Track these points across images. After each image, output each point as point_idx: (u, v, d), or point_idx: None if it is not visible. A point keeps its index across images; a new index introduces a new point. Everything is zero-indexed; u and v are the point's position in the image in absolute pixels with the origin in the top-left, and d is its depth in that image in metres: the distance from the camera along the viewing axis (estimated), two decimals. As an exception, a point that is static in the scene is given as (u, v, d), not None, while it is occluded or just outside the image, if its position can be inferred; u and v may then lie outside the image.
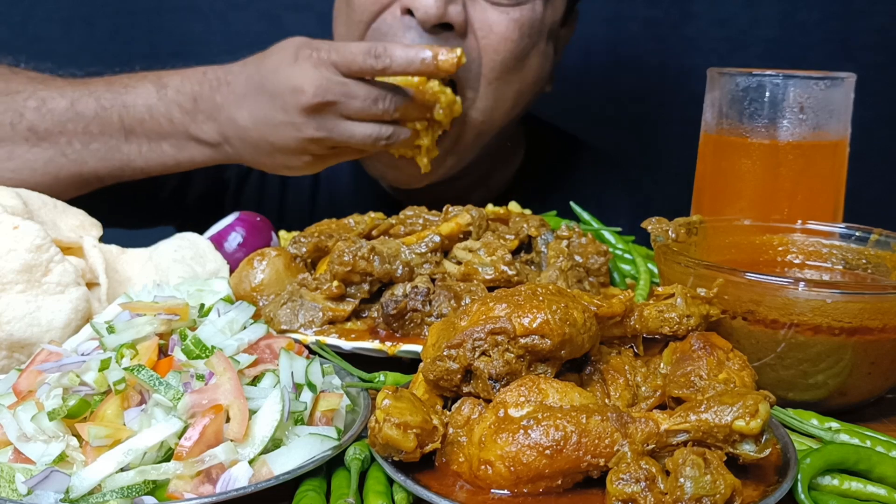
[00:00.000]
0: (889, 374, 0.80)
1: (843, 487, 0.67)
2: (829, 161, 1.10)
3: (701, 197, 1.18)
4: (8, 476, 0.62)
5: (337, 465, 0.68)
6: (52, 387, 0.68)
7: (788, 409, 0.77)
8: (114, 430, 0.63)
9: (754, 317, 0.77)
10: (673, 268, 0.85)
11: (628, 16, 2.13)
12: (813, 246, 0.96)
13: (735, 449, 0.60)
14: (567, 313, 0.66)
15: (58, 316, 0.84)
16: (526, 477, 0.60)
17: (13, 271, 0.82)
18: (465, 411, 0.66)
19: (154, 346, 0.71)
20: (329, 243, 1.03)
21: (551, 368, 0.67)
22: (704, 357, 0.68)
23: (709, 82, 1.14)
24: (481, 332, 0.66)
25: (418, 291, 0.89)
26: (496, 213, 1.15)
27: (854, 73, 1.09)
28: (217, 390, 0.66)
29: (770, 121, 1.08)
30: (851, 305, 0.74)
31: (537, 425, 0.60)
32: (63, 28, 2.13)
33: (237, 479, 0.62)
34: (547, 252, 1.03)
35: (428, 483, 0.62)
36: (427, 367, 0.68)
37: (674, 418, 0.61)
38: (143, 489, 0.61)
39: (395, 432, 0.61)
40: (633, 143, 2.22)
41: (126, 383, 0.66)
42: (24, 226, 0.84)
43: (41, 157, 1.26)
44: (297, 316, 0.92)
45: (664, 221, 0.93)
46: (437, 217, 1.08)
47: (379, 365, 0.87)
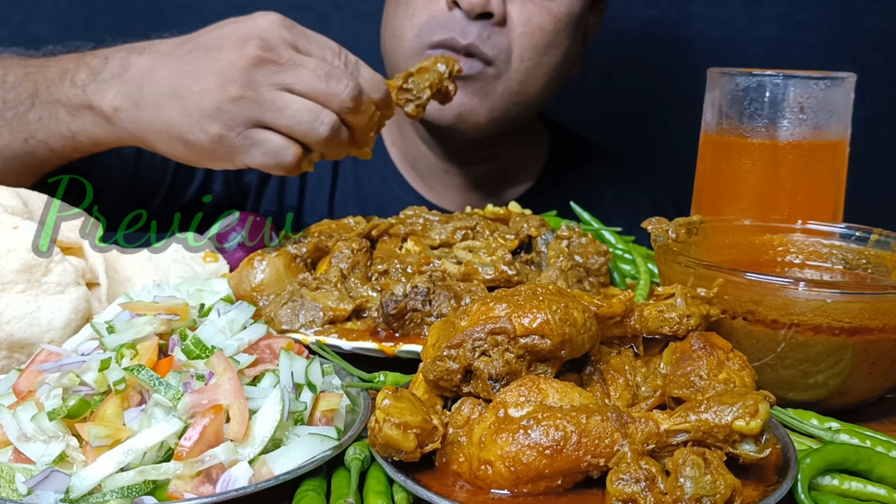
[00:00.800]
0: (889, 374, 0.80)
1: (843, 487, 0.67)
2: (829, 161, 1.10)
3: (701, 197, 1.18)
4: (8, 476, 0.62)
5: (337, 465, 0.68)
6: (52, 387, 0.68)
7: (788, 409, 0.77)
8: (114, 430, 0.63)
9: (754, 317, 0.77)
10: (673, 268, 0.85)
11: (628, 16, 2.13)
12: (813, 246, 0.96)
13: (735, 449, 0.60)
14: (567, 313, 0.66)
15: (58, 316, 0.84)
16: (526, 477, 0.60)
17: (13, 271, 0.82)
18: (465, 411, 0.66)
19: (154, 346, 0.71)
20: (329, 243, 1.03)
21: (551, 368, 0.67)
22: (704, 357, 0.68)
23: (709, 82, 1.14)
24: (481, 332, 0.66)
25: (418, 291, 0.89)
26: (496, 213, 1.15)
27: (854, 73, 1.09)
28: (217, 390, 0.66)
29: (770, 121, 1.08)
30: (851, 305, 0.74)
31: (537, 425, 0.60)
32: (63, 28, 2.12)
33: (237, 479, 0.62)
34: (547, 252, 1.03)
35: (428, 483, 0.62)
36: (427, 367, 0.68)
37: (674, 418, 0.61)
38: (143, 489, 0.61)
39: (395, 432, 0.61)
40: (633, 143, 2.22)
41: (126, 383, 0.66)
42: (24, 226, 0.84)
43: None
44: (297, 316, 0.92)
45: (664, 221, 0.93)
46: (436, 217, 1.08)
47: (379, 365, 0.87)
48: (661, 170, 2.01)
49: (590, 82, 2.12)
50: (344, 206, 1.61)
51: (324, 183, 1.61)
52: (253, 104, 1.00)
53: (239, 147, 1.02)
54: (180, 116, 1.02)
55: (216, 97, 1.00)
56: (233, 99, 0.99)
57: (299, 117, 1.00)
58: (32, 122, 1.14)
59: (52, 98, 1.12)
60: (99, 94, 1.08)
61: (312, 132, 1.01)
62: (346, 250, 1.00)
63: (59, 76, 1.13)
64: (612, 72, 2.18)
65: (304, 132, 1.01)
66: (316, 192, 1.61)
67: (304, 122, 1.01)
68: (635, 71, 2.20)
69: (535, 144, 1.71)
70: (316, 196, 1.62)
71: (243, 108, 1.00)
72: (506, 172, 1.65)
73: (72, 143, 1.14)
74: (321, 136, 1.02)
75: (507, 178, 1.66)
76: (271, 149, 1.02)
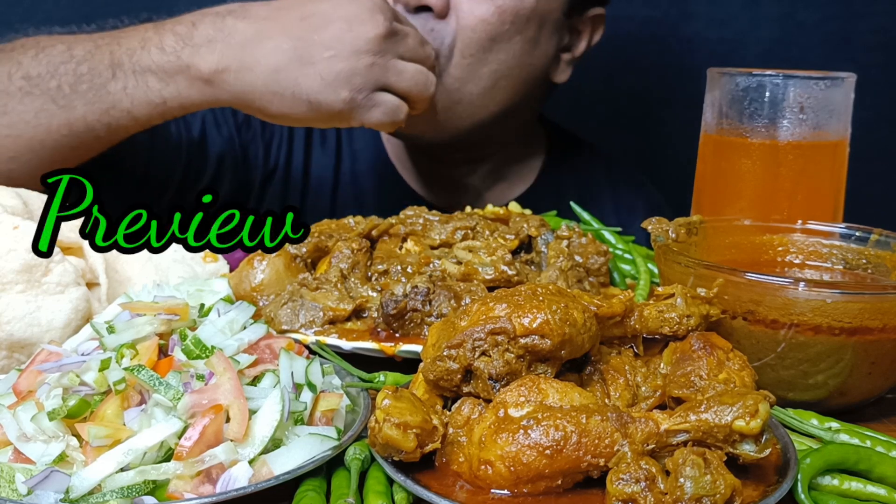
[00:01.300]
0: (889, 374, 0.80)
1: (843, 487, 0.67)
2: (829, 161, 1.10)
3: (701, 197, 1.18)
4: (8, 476, 0.62)
5: (337, 465, 0.68)
6: (52, 387, 0.68)
7: (788, 409, 0.77)
8: (114, 430, 0.63)
9: (754, 317, 0.77)
10: (673, 268, 0.85)
11: (628, 16, 2.13)
12: (813, 246, 0.96)
13: (735, 449, 0.60)
14: (567, 313, 0.66)
15: (58, 316, 0.84)
16: (526, 477, 0.60)
17: (13, 271, 0.82)
18: (465, 411, 0.66)
19: (154, 346, 0.71)
20: (329, 243, 1.03)
21: (551, 368, 0.67)
22: (704, 357, 0.68)
23: (709, 82, 1.14)
24: (481, 332, 0.66)
25: (418, 291, 0.89)
26: (496, 213, 1.15)
27: (854, 73, 1.09)
28: (217, 390, 0.66)
29: (770, 121, 1.08)
30: (851, 305, 0.74)
31: (537, 425, 0.60)
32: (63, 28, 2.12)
33: (237, 479, 0.62)
34: (547, 252, 1.03)
35: (428, 483, 0.62)
36: (427, 367, 0.68)
37: (674, 418, 0.61)
38: (143, 489, 0.61)
39: (395, 432, 0.61)
40: (633, 144, 2.22)
41: (126, 383, 0.66)
42: (24, 226, 0.84)
43: (31, 106, 1.20)
44: (297, 316, 0.92)
45: (664, 221, 0.93)
46: (436, 217, 1.08)
47: (379, 365, 0.87)
48: (661, 170, 2.01)
49: (590, 83, 2.12)
50: (344, 204, 1.61)
51: (326, 179, 1.61)
52: (381, 70, 1.16)
53: (363, 107, 1.18)
54: (311, 81, 1.15)
55: (350, 64, 1.15)
56: (367, 66, 1.15)
57: (416, 80, 1.20)
58: (115, 93, 1.18)
59: (140, 66, 1.17)
60: (197, 57, 1.15)
61: (425, 91, 1.22)
62: (346, 250, 1.00)
63: (140, 45, 1.17)
64: (613, 72, 2.18)
65: (420, 92, 1.21)
66: (318, 189, 1.62)
67: (420, 84, 1.21)
68: (635, 71, 2.20)
69: (530, 145, 1.70)
70: (318, 193, 1.62)
71: (374, 74, 1.16)
72: (500, 173, 1.65)
73: (160, 109, 1.20)
74: (430, 93, 1.24)
75: (503, 178, 1.66)
76: (391, 108, 1.20)
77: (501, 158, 1.63)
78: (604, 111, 2.22)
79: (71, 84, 1.18)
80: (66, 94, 1.19)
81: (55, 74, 1.19)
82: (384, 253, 1.03)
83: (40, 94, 1.19)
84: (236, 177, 1.54)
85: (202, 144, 1.49)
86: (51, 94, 1.19)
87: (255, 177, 1.59)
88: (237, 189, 1.57)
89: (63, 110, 1.19)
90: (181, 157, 1.46)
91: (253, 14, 1.18)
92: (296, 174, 1.60)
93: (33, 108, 1.19)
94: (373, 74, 1.16)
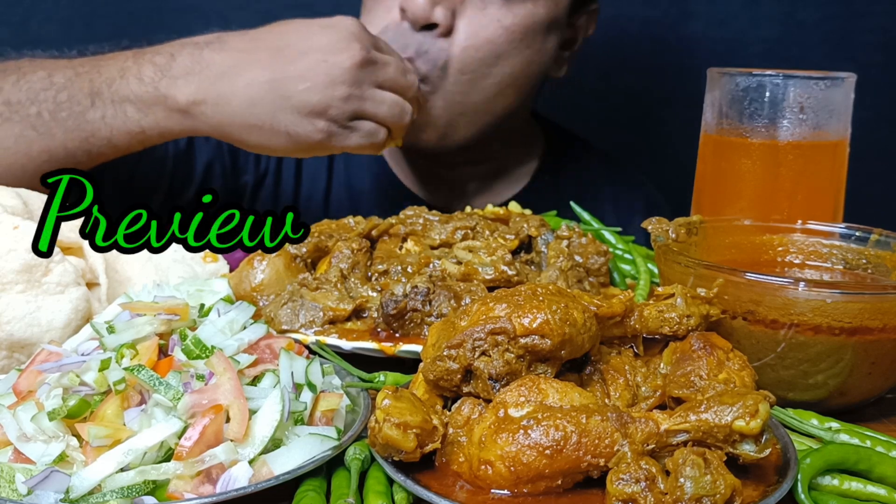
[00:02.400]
0: (889, 374, 0.80)
1: (843, 487, 0.67)
2: (829, 161, 1.10)
3: (701, 197, 1.18)
4: (8, 476, 0.62)
5: (337, 465, 0.68)
6: (52, 387, 0.68)
7: (788, 409, 0.77)
8: (114, 430, 0.63)
9: (754, 317, 0.77)
10: (673, 268, 0.85)
11: (628, 16, 2.13)
12: (813, 246, 0.96)
13: (735, 449, 0.60)
14: (567, 313, 0.66)
15: (58, 316, 0.84)
16: (526, 477, 0.60)
17: (13, 271, 0.82)
18: (465, 411, 0.66)
19: (154, 346, 0.71)
20: (329, 243, 1.03)
21: (551, 368, 0.67)
22: (704, 357, 0.68)
23: (709, 82, 1.14)
24: (481, 332, 0.66)
25: (418, 291, 0.89)
26: (496, 213, 1.15)
27: (854, 73, 1.09)
28: (217, 390, 0.66)
29: (770, 121, 1.08)
30: (851, 305, 0.74)
31: (537, 425, 0.60)
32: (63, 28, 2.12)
33: (237, 479, 0.62)
34: (547, 252, 1.03)
35: (428, 483, 0.62)
36: (427, 367, 0.68)
37: (674, 418, 0.61)
38: (143, 489, 0.61)
39: (395, 432, 0.61)
40: (633, 144, 2.22)
41: (126, 383, 0.66)
42: (24, 226, 0.84)
43: (11, 132, 1.20)
44: (297, 316, 0.92)
45: (664, 221, 0.93)
46: (436, 217, 1.08)
47: (379, 365, 0.87)
48: (661, 170, 2.01)
49: (589, 82, 2.12)
50: (338, 206, 1.61)
51: (318, 182, 1.61)
52: (358, 100, 1.17)
53: (340, 135, 1.19)
54: (287, 114, 1.16)
55: (326, 95, 1.15)
56: (343, 97, 1.15)
57: (393, 110, 1.20)
58: (94, 121, 1.19)
59: (118, 96, 1.17)
60: (174, 89, 1.16)
61: (402, 120, 1.22)
62: (346, 250, 1.00)
63: (119, 74, 1.17)
64: (612, 72, 2.18)
65: (396, 121, 1.21)
66: (310, 192, 1.61)
67: (396, 114, 1.21)
68: (635, 71, 2.20)
69: (528, 144, 1.70)
70: (311, 195, 1.62)
71: (350, 104, 1.17)
72: (499, 172, 1.65)
73: (140, 137, 1.21)
74: (407, 122, 1.24)
75: (501, 178, 1.65)
76: (368, 133, 1.21)
77: (500, 158, 1.63)
78: (604, 111, 2.22)
79: (51, 111, 1.19)
80: (45, 121, 1.19)
81: (35, 101, 1.19)
82: (384, 253, 1.03)
83: (20, 120, 1.20)
84: (226, 183, 1.54)
85: (189, 153, 1.49)
86: (30, 120, 1.19)
87: (247, 182, 1.59)
88: (228, 194, 1.57)
89: (43, 137, 1.20)
90: (167, 166, 1.46)
91: (230, 46, 1.18)
92: (287, 177, 1.60)
93: (13, 133, 1.20)
94: (349, 105, 1.17)
